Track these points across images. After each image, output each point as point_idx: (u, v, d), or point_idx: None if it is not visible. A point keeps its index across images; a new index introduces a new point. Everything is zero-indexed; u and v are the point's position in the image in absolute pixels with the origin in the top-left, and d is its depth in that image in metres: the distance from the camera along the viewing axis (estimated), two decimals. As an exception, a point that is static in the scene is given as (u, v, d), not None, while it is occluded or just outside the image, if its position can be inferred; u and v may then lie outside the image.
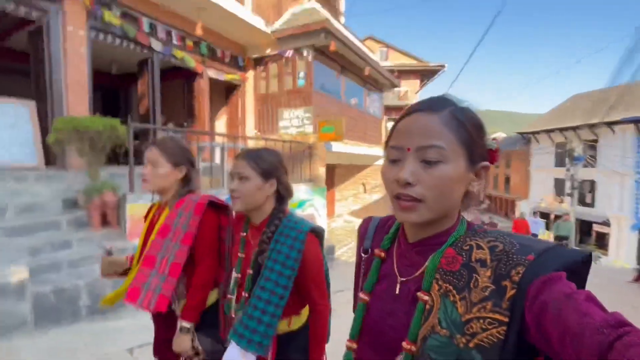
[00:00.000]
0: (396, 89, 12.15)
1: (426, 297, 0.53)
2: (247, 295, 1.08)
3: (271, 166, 1.10)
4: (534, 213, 11.86)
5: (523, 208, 21.58)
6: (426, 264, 0.56)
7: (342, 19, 9.47)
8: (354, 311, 0.72)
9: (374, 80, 9.18)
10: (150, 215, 1.38)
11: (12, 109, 3.70)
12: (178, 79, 6.17)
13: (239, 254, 1.15)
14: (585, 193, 17.28)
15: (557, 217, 12.10)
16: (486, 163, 0.56)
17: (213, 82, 6.25)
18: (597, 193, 16.90)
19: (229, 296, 1.15)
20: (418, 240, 0.59)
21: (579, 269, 0.48)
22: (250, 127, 6.95)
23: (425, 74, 18.32)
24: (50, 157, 3.94)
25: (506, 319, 0.45)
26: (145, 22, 4.78)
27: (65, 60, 3.96)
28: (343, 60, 7.30)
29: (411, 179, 0.53)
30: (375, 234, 0.70)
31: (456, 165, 0.52)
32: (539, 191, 21.21)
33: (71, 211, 3.35)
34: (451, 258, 0.53)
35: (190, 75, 5.93)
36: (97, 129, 3.28)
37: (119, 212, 3.31)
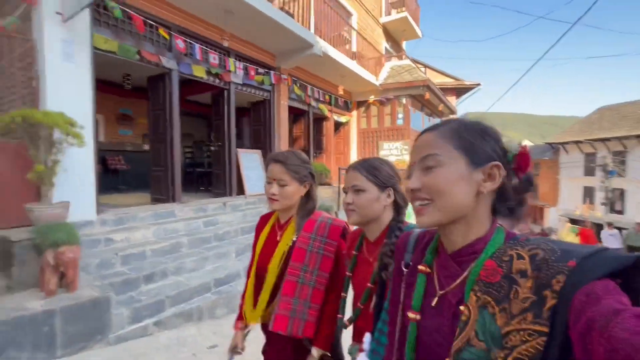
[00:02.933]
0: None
1: (463, 308, 0.53)
2: (362, 306, 1.03)
3: (386, 175, 1.05)
4: (608, 225, 10.28)
5: (552, 215, 22.86)
6: (465, 274, 0.56)
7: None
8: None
9: (440, 111, 11.04)
10: (268, 228, 1.34)
11: (254, 156, 5.72)
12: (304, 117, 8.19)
13: (347, 273, 1.12)
14: (616, 201, 18.52)
15: (609, 225, 11.09)
16: (497, 162, 0.56)
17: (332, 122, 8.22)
18: (626, 201, 18.13)
19: (338, 315, 1.13)
20: (456, 250, 0.60)
21: (629, 275, 0.44)
22: (353, 156, 8.87)
23: (461, 91, 20.01)
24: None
25: (546, 329, 0.43)
26: (309, 89, 6.79)
27: (278, 120, 5.97)
28: (427, 101, 9.20)
29: (416, 184, 0.59)
30: (416, 248, 0.71)
31: (453, 168, 0.56)
32: (567, 199, 22.46)
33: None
34: (491, 270, 0.52)
35: (319, 119, 7.90)
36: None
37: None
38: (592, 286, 0.42)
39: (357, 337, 1.08)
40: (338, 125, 8.85)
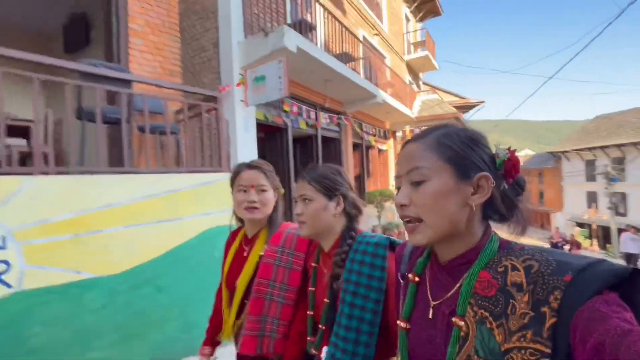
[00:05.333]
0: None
1: (461, 323, 0.51)
2: (324, 327, 0.95)
3: (333, 182, 1.00)
4: (632, 228, 9.63)
5: (559, 219, 24.14)
6: (458, 285, 0.55)
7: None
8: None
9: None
10: (236, 244, 1.28)
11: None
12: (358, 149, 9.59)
13: (310, 289, 1.05)
14: (618, 204, 19.86)
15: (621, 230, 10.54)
16: (484, 173, 0.54)
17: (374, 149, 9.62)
18: (628, 203, 19.46)
19: (309, 339, 1.04)
20: (448, 260, 0.58)
21: (627, 287, 0.43)
22: (392, 177, 10.23)
23: (466, 109, 21.63)
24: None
25: (548, 350, 0.43)
26: (364, 125, 8.21)
27: (347, 155, 7.33)
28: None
29: (405, 200, 0.57)
30: (411, 259, 0.70)
31: (441, 181, 0.54)
32: (572, 204, 23.80)
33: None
34: (486, 282, 0.51)
35: (367, 147, 9.30)
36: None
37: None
38: (593, 303, 0.41)
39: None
40: (379, 152, 10.24)
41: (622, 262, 10.95)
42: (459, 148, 0.55)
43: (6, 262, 1.86)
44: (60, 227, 2.05)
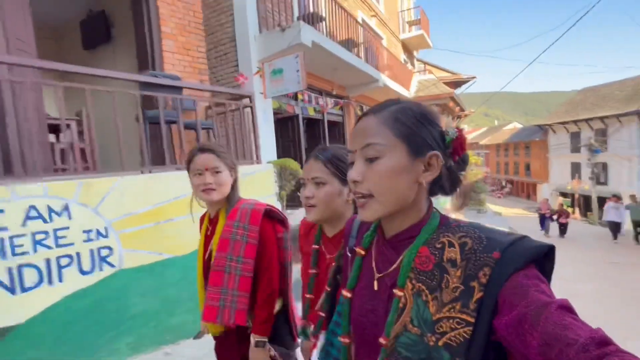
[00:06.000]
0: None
1: (400, 294, 0.55)
2: (324, 315, 0.92)
3: (348, 165, 0.90)
4: (613, 197, 10.32)
5: (544, 190, 25.33)
6: (400, 258, 0.58)
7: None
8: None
9: (457, 113, 12.96)
10: (204, 228, 1.34)
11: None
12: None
13: (311, 270, 1.03)
14: (600, 174, 20.93)
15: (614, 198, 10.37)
16: (435, 152, 0.56)
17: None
18: (609, 173, 20.54)
19: (302, 320, 1.05)
20: (392, 235, 0.61)
21: (544, 262, 0.49)
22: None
23: (459, 84, 21.96)
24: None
25: (472, 320, 0.47)
26: (364, 108, 8.56)
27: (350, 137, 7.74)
28: (448, 107, 11.07)
29: (358, 177, 0.57)
30: (359, 233, 0.72)
31: (395, 158, 0.55)
32: (557, 175, 24.89)
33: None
34: (425, 257, 0.55)
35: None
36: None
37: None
38: (516, 277, 0.46)
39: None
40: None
41: (603, 228, 11.70)
42: (413, 125, 0.56)
43: (109, 248, 2.29)
44: (144, 218, 2.47)
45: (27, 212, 1.95)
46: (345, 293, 0.66)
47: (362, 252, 0.66)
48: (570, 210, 17.71)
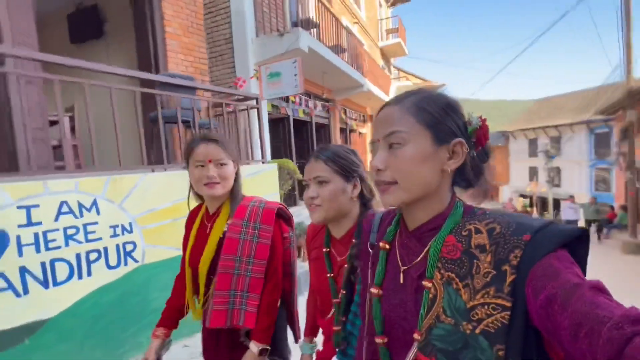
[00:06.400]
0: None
1: (429, 285, 0.54)
2: (344, 319, 0.92)
3: (350, 162, 0.95)
4: (571, 197, 11.57)
5: (505, 192, 27.16)
6: (426, 249, 0.57)
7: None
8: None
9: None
10: (198, 222, 1.22)
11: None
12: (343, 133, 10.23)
13: (328, 275, 1.00)
14: (554, 177, 22.82)
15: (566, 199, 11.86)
16: (460, 139, 0.56)
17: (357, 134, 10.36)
18: (562, 176, 22.46)
19: (335, 328, 0.96)
20: (416, 227, 0.60)
21: (576, 246, 0.49)
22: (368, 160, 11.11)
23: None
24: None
25: (509, 304, 0.46)
26: (348, 112, 8.85)
27: (335, 139, 7.98)
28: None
29: (381, 165, 0.57)
30: (380, 228, 0.71)
31: (419, 146, 0.55)
32: (517, 178, 26.80)
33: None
34: (452, 246, 0.54)
35: (350, 131, 10.01)
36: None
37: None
38: (548, 259, 0.45)
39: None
40: (359, 135, 11.01)
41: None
42: (437, 113, 0.56)
43: (133, 243, 2.34)
44: (164, 214, 2.54)
45: (60, 207, 1.98)
46: (374, 290, 0.64)
47: (387, 246, 0.65)
48: (529, 210, 19.27)
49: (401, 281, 0.60)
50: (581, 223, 11.09)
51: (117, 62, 4.28)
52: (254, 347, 1.09)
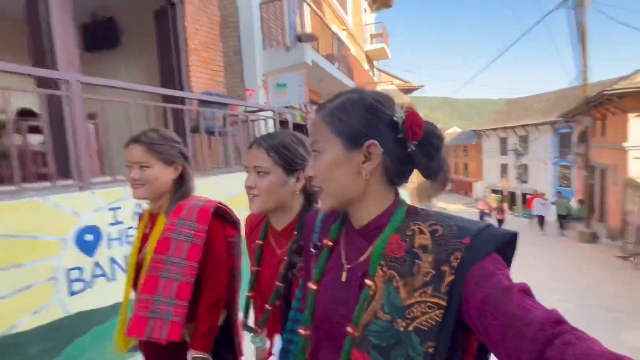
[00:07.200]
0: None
1: (370, 282, 0.55)
2: (270, 308, 0.91)
3: (294, 154, 0.89)
4: (541, 195, 13.34)
5: (479, 187, 28.83)
6: (370, 249, 0.59)
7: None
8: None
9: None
10: (142, 226, 1.18)
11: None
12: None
13: (252, 268, 0.98)
14: (522, 173, 24.53)
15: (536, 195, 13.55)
16: (371, 141, 0.56)
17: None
18: (529, 173, 24.17)
19: (241, 319, 1.00)
20: (362, 225, 0.61)
21: (506, 248, 0.53)
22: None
23: (409, 91, 24.07)
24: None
25: (444, 303, 0.49)
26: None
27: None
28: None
29: (311, 172, 0.62)
30: (323, 226, 0.71)
31: (331, 153, 0.58)
32: (489, 174, 28.49)
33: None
34: (395, 245, 0.55)
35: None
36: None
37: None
38: (484, 262, 0.48)
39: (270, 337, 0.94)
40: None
41: (527, 220, 14.01)
42: (348, 118, 0.57)
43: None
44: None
45: (134, 209, 2.41)
46: (311, 285, 0.64)
47: (330, 243, 0.65)
48: (502, 204, 20.75)
49: (343, 279, 0.61)
50: (552, 217, 12.14)
51: (136, 73, 4.61)
52: (190, 355, 1.04)
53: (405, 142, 0.57)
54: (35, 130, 2.85)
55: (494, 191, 25.86)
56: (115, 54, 4.94)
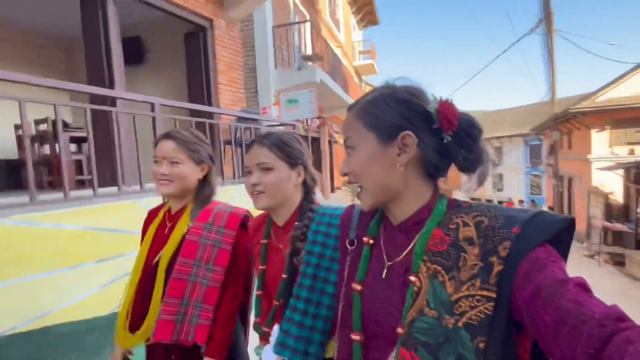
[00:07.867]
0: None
1: (414, 279, 0.54)
2: (277, 303, 0.92)
3: (297, 151, 0.95)
4: (519, 202, 14.50)
5: (458, 195, 30.08)
6: (412, 244, 0.57)
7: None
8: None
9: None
10: (156, 222, 1.17)
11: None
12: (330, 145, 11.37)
13: (260, 267, 0.99)
14: (498, 182, 26.00)
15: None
16: (406, 132, 0.55)
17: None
18: (504, 182, 25.65)
19: (255, 319, 0.99)
20: (401, 221, 0.60)
21: (562, 236, 0.49)
22: (348, 165, 12.40)
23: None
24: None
25: (494, 295, 0.46)
26: (333, 125, 10.03)
27: (325, 151, 9.11)
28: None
29: (345, 168, 0.62)
30: (359, 223, 0.70)
31: (366, 147, 0.58)
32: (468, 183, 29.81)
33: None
34: (439, 239, 0.53)
35: (334, 142, 11.17)
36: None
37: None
38: (535, 253, 0.46)
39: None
40: (341, 146, 12.24)
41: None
42: (381, 112, 0.57)
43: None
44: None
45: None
46: (356, 286, 0.62)
47: (371, 242, 0.64)
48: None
49: (383, 276, 0.60)
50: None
51: (164, 88, 5.00)
52: None
53: (440, 133, 0.56)
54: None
55: (472, 199, 27.16)
56: (142, 69, 5.31)
